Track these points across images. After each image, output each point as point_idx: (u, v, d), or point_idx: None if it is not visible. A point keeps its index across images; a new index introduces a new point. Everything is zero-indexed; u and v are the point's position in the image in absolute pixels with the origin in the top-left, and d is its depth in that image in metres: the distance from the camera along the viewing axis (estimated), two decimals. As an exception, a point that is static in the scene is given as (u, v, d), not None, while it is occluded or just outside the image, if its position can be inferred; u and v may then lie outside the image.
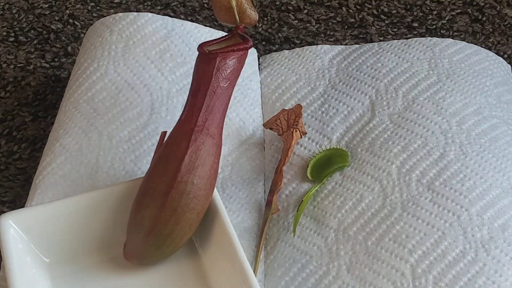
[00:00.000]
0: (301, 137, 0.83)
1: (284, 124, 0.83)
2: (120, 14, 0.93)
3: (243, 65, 0.73)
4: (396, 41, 0.97)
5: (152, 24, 0.92)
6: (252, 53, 0.97)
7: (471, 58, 0.93)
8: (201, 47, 0.70)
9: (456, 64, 0.91)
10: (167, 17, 0.94)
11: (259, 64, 0.97)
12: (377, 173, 0.80)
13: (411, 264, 0.72)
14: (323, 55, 0.96)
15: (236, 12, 0.72)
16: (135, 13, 0.93)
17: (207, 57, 0.69)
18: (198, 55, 0.71)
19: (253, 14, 0.73)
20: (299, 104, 0.83)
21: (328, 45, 0.98)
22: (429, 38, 0.96)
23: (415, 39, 0.96)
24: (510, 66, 0.98)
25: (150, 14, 0.93)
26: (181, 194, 0.67)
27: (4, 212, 0.83)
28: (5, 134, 0.94)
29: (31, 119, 0.96)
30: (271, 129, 0.84)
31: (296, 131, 0.82)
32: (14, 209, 0.83)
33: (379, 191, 0.78)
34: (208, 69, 0.69)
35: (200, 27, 0.95)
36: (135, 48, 0.90)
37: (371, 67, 0.92)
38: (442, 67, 0.91)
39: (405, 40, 0.97)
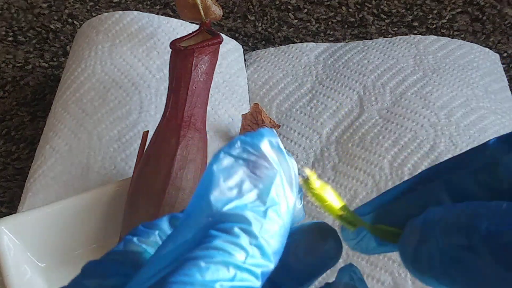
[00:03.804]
0: None
1: (255, 127, 0.83)
2: (106, 13, 0.93)
3: (217, 59, 0.74)
4: (380, 39, 0.98)
5: (138, 22, 0.92)
6: (238, 49, 0.97)
7: (456, 52, 0.94)
8: (174, 44, 0.71)
9: (441, 59, 0.92)
10: (153, 14, 0.94)
11: (245, 61, 0.97)
12: (369, 168, 0.80)
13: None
14: (309, 52, 0.96)
15: (201, 8, 0.73)
16: (121, 12, 0.93)
17: (183, 53, 0.70)
18: (173, 52, 0.72)
19: (217, 10, 0.75)
20: (255, 103, 0.83)
21: (313, 43, 0.99)
22: (412, 35, 0.97)
23: (399, 37, 0.97)
24: (498, 55, 0.97)
25: (135, 12, 0.93)
26: (177, 189, 0.67)
27: (3, 212, 0.83)
28: (4, 134, 0.94)
29: (29, 118, 0.95)
30: None
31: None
32: (12, 209, 0.83)
33: (373, 186, 0.78)
34: (186, 65, 0.70)
35: (186, 24, 0.94)
36: (121, 46, 0.90)
37: (357, 63, 0.93)
38: (427, 62, 0.92)
39: (389, 38, 0.98)
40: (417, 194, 0.34)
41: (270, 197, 0.29)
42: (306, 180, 0.33)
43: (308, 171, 0.33)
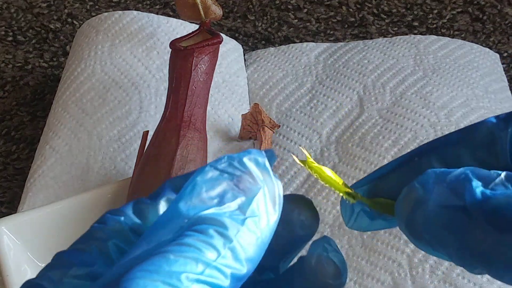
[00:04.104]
0: (273, 132, 0.83)
1: (255, 127, 0.83)
2: (106, 13, 0.93)
3: (217, 59, 0.74)
4: (380, 38, 0.98)
5: (137, 22, 0.92)
6: (238, 49, 0.97)
7: (456, 52, 0.94)
8: (173, 44, 0.71)
9: (441, 59, 0.92)
10: (152, 14, 0.94)
11: (244, 61, 0.97)
12: (369, 168, 0.80)
13: (408, 255, 0.72)
14: (309, 52, 0.96)
15: (201, 8, 0.73)
16: (120, 12, 0.93)
17: (183, 53, 0.70)
18: (173, 52, 0.72)
19: (217, 10, 0.75)
20: (255, 103, 0.83)
21: (313, 43, 0.99)
22: (412, 35, 0.97)
23: (399, 37, 0.97)
24: (498, 55, 0.97)
25: (135, 12, 0.93)
26: (177, 189, 0.67)
27: (3, 212, 0.83)
28: (4, 134, 0.94)
29: (29, 118, 0.95)
30: (249, 138, 0.85)
31: (263, 129, 0.81)
32: (12, 209, 0.83)
33: (373, 186, 0.78)
34: (186, 65, 0.70)
35: (186, 23, 0.94)
36: (121, 46, 0.90)
37: (357, 63, 0.93)
38: (427, 62, 0.92)
39: (389, 38, 0.98)
40: (412, 166, 0.34)
41: (250, 209, 0.29)
42: (304, 160, 0.34)
43: (305, 151, 0.34)
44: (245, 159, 0.30)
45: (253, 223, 0.29)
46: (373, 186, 0.35)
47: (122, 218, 0.32)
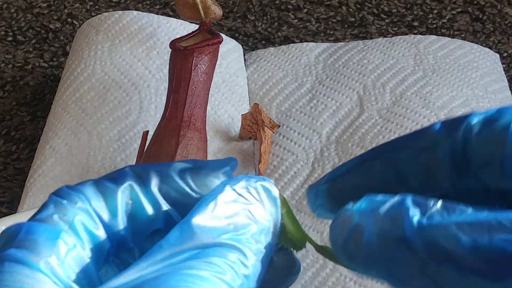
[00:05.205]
0: (273, 132, 0.83)
1: (255, 127, 0.83)
2: (106, 13, 0.93)
3: (217, 59, 0.75)
4: (380, 38, 0.98)
5: (137, 22, 0.92)
6: (238, 49, 0.97)
7: (456, 52, 0.94)
8: (173, 44, 0.71)
9: (441, 59, 0.92)
10: (152, 14, 0.94)
11: (244, 61, 0.97)
12: (369, 168, 0.80)
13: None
14: (309, 52, 0.96)
15: (201, 8, 0.73)
16: (120, 12, 0.93)
17: (183, 53, 0.70)
18: (173, 52, 0.72)
19: (217, 10, 0.75)
20: (255, 103, 0.83)
21: (313, 43, 0.99)
22: (412, 35, 0.97)
23: (399, 37, 0.97)
24: (498, 55, 0.97)
25: (135, 12, 0.93)
26: (177, 190, 0.67)
27: (3, 212, 0.83)
28: (4, 134, 0.93)
29: (29, 119, 0.95)
30: (249, 138, 0.85)
31: (263, 129, 0.81)
32: (12, 209, 0.82)
33: (373, 186, 0.78)
34: (186, 65, 0.70)
35: (186, 23, 0.94)
36: (121, 46, 0.90)
37: (357, 63, 0.93)
38: (427, 62, 0.92)
39: (389, 38, 0.98)
40: (363, 169, 0.35)
41: (260, 240, 0.31)
42: None
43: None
44: (261, 189, 0.32)
45: (261, 255, 0.31)
46: (330, 186, 0.36)
47: (83, 197, 0.32)
